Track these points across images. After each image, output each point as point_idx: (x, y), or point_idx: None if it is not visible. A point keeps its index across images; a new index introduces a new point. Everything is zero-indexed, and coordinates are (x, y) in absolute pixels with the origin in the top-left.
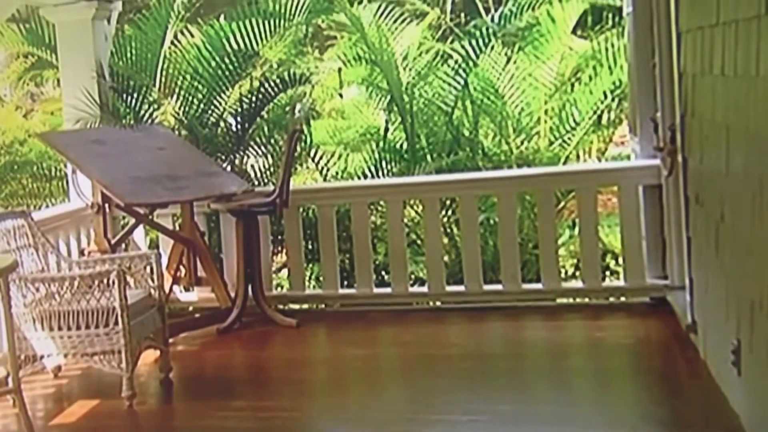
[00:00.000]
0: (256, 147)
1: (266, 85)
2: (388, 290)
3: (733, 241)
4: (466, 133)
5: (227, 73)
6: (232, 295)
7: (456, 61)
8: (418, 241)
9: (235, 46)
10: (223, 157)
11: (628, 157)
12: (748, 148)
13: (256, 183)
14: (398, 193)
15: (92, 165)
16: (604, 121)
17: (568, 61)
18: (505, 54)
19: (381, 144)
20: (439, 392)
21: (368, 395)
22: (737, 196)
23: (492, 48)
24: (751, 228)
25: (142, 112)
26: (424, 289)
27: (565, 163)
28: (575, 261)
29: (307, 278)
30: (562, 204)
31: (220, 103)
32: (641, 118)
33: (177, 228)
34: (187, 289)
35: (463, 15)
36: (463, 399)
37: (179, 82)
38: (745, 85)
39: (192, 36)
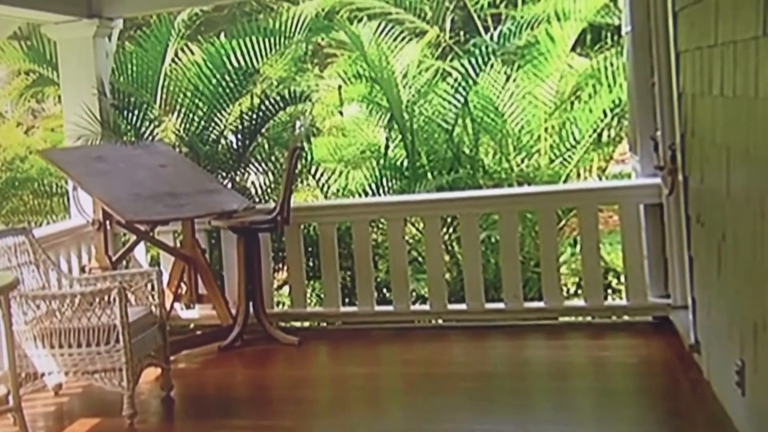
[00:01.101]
0: (256, 164)
1: (267, 102)
2: (389, 308)
3: (735, 261)
4: (467, 151)
5: (228, 90)
6: (234, 312)
7: (456, 79)
8: (420, 259)
9: (235, 64)
10: (224, 174)
11: (630, 175)
12: (748, 169)
13: (257, 200)
14: (399, 211)
15: (93, 182)
16: (604, 139)
17: (568, 80)
18: (505, 72)
19: (381, 161)
20: (441, 411)
21: (370, 414)
22: (738, 216)
23: (491, 66)
24: (753, 248)
25: (143, 129)
26: (426, 307)
27: (565, 181)
28: (577, 279)
29: (308, 296)
30: (564, 222)
31: (221, 120)
32: (641, 137)
33: (178, 245)
34: (188, 307)
35: (462, 33)
36: (466, 418)
37: (180, 99)
38: (745, 106)
39: (192, 53)
